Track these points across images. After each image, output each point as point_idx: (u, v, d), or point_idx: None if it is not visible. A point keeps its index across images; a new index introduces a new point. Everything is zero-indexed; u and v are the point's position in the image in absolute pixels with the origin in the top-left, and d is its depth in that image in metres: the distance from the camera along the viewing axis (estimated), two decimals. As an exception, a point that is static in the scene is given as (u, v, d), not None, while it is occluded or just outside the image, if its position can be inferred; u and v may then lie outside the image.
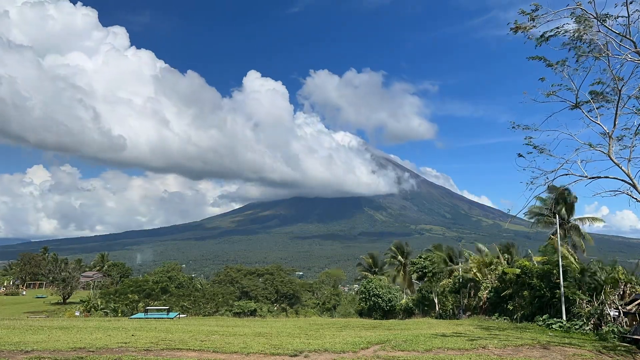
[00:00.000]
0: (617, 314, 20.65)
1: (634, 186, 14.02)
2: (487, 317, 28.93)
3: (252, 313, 56.25)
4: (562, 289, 22.49)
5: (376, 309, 46.40)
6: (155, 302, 58.18)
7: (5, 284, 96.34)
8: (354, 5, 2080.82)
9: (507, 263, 34.97)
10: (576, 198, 41.86)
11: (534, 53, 14.48)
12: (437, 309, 39.35)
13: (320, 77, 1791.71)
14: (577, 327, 20.91)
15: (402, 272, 64.45)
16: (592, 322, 21.24)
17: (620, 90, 14.31)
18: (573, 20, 13.59)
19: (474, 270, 34.67)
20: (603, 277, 22.48)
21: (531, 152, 15.65)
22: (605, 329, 19.41)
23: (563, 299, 22.37)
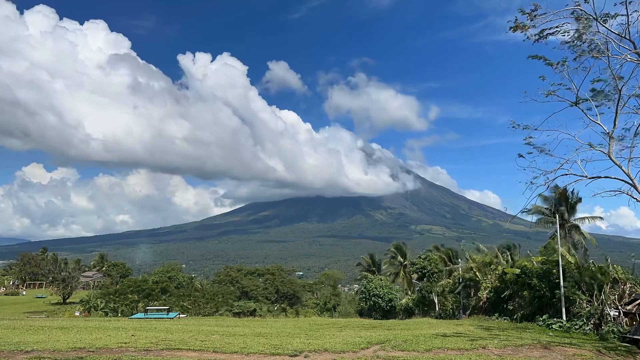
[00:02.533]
0: (617, 314, 20.65)
1: (634, 186, 14.02)
2: (487, 317, 28.95)
3: (252, 313, 56.25)
4: (562, 289, 22.49)
5: (376, 309, 46.41)
6: (155, 302, 58.20)
7: (5, 284, 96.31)
8: (354, 12, 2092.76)
9: (508, 263, 34.97)
10: (580, 199, 41.95)
11: (533, 52, 14.48)
12: (437, 309, 39.35)
13: (320, 79, 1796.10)
14: (577, 327, 20.91)
15: (402, 272, 64.49)
16: (592, 322, 21.24)
17: (620, 90, 14.30)
18: (572, 20, 13.59)
19: (474, 270, 34.69)
20: (603, 277, 22.49)
21: (531, 152, 15.65)
22: (605, 329, 19.42)
23: (563, 299, 22.38)
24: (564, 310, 22.27)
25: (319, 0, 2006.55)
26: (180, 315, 46.61)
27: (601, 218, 43.17)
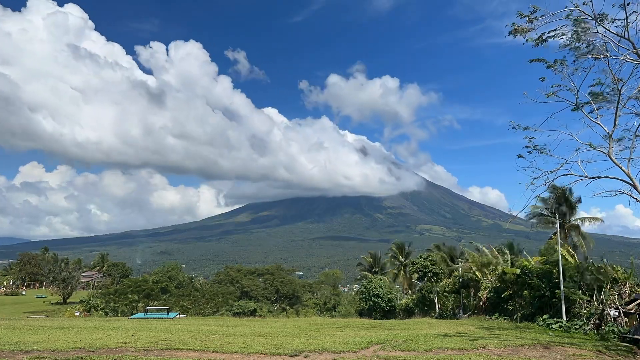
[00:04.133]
0: (617, 313, 20.65)
1: (634, 186, 14.03)
2: (487, 317, 28.94)
3: (252, 313, 56.22)
4: (562, 288, 22.49)
5: (376, 309, 46.39)
6: (155, 302, 58.20)
7: (5, 284, 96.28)
8: (354, 17, 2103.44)
9: (507, 263, 34.97)
10: (580, 200, 41.96)
11: (533, 56, 14.53)
12: (437, 309, 39.36)
13: (323, 80, 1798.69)
14: (577, 327, 20.91)
15: (402, 272, 64.53)
16: (592, 322, 21.24)
17: (620, 91, 14.32)
18: (571, 22, 13.59)
19: (474, 270, 34.68)
20: (603, 277, 22.47)
21: (532, 152, 15.67)
22: (605, 328, 19.42)
23: (563, 299, 22.37)
24: (564, 310, 22.25)
25: (319, 5, 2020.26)
26: (180, 315, 46.60)
27: (602, 220, 43.10)
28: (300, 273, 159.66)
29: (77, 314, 53.28)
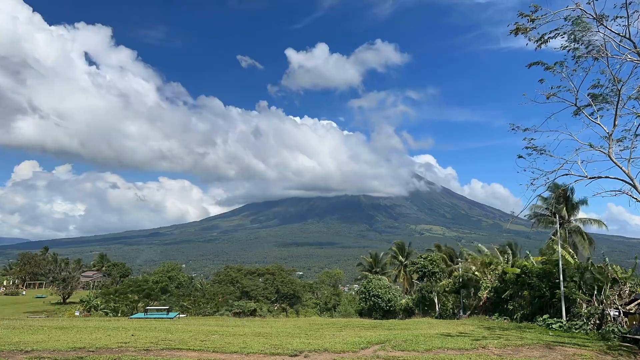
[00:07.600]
0: (617, 313, 20.66)
1: (634, 186, 14.02)
2: (487, 317, 28.94)
3: (252, 313, 56.21)
4: (562, 288, 22.49)
5: (376, 309, 46.37)
6: (155, 302, 58.20)
7: (5, 284, 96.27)
8: (354, 24, 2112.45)
9: (508, 263, 34.97)
10: (585, 201, 41.79)
11: (529, 59, 14.54)
12: (437, 308, 39.34)
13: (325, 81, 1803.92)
14: (577, 327, 20.91)
15: (402, 272, 64.54)
16: (592, 322, 21.24)
17: (619, 91, 14.31)
18: (571, 21, 13.58)
19: (474, 270, 34.68)
20: (603, 277, 22.48)
21: (531, 154, 15.66)
22: (605, 328, 19.42)
23: (563, 298, 22.37)
24: (564, 310, 22.26)
25: (320, 12, 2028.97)
26: (180, 315, 46.58)
27: (604, 224, 42.79)
28: (300, 273, 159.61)
29: (77, 314, 53.29)
